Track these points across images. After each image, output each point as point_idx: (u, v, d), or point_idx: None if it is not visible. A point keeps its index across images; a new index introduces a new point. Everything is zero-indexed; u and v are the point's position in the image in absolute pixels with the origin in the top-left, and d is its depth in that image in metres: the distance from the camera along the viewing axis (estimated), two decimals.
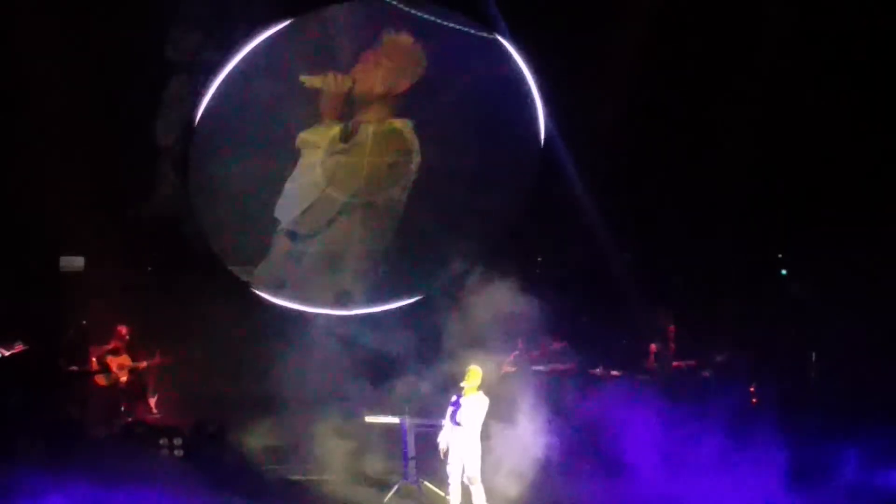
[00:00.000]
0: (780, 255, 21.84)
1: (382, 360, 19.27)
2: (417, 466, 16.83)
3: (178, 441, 17.96)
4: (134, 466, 16.83)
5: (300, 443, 18.54)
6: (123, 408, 19.48)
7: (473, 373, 15.27)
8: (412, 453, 16.78)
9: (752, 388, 20.18)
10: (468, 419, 15.09)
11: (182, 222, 19.57)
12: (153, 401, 19.74)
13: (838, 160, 20.16)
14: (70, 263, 19.85)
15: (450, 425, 15.27)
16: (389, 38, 19.69)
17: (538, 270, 21.76)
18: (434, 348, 18.28)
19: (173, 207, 19.49)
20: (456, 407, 15.23)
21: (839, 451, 17.69)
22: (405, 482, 16.79)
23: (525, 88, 20.26)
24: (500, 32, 19.86)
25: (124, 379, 19.56)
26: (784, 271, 21.80)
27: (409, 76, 20.03)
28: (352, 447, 18.20)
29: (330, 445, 18.17)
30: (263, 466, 18.41)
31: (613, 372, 20.44)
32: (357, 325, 20.21)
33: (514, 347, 19.76)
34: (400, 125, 20.40)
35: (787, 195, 20.77)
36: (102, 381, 19.48)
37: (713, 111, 20.20)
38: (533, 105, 20.43)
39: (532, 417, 16.67)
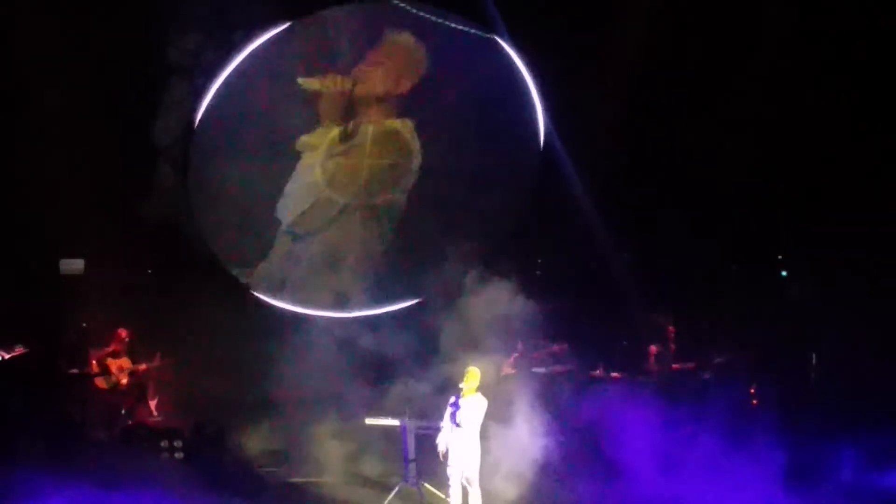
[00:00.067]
0: (780, 257, 21.81)
1: (382, 362, 19.26)
2: (417, 468, 16.84)
3: (179, 443, 17.96)
4: (134, 468, 16.89)
5: (300, 445, 18.55)
6: (124, 410, 19.49)
7: (472, 374, 15.27)
8: (412, 455, 16.76)
9: (753, 390, 20.20)
10: (467, 420, 15.09)
11: (182, 224, 19.58)
12: (153, 403, 19.73)
13: (838, 160, 20.13)
14: (70, 266, 19.84)
15: (449, 427, 15.27)
16: (391, 38, 19.71)
17: (538, 272, 21.75)
18: (433, 350, 18.25)
19: (173, 209, 19.48)
20: (455, 408, 15.23)
21: (840, 452, 17.71)
22: (405, 484, 16.76)
23: (525, 88, 20.26)
24: (500, 33, 19.86)
25: (125, 381, 19.57)
26: (784, 272, 21.77)
27: (411, 76, 20.03)
28: (351, 449, 18.25)
29: (329, 447, 18.21)
30: (263, 468, 18.46)
31: (613, 373, 20.45)
32: (356, 327, 20.18)
33: (514, 349, 19.71)
34: (400, 125, 20.40)
35: (787, 195, 20.74)
36: (103, 384, 19.46)
37: (713, 111, 20.12)
38: (533, 105, 20.45)
39: (533, 419, 16.67)
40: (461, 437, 15.14)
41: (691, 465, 17.08)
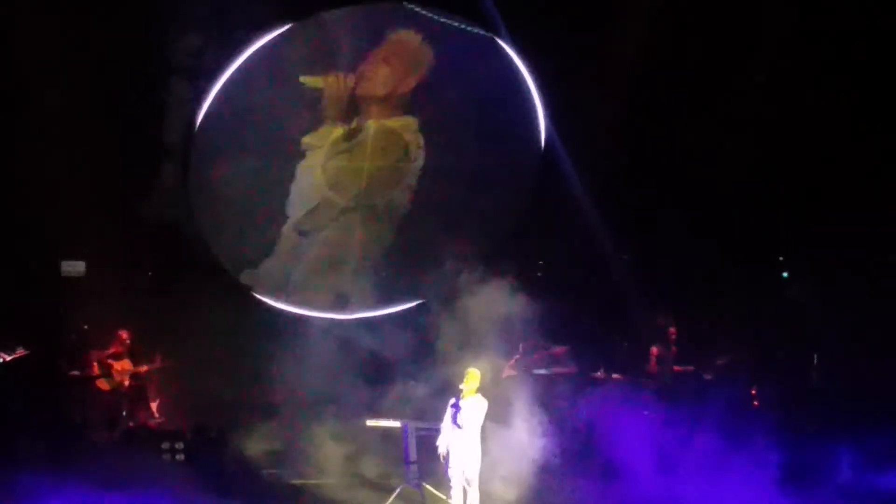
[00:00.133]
0: (781, 258, 21.81)
1: (382, 364, 19.27)
2: (418, 470, 16.84)
3: (180, 445, 17.96)
4: (135, 470, 16.89)
5: (300, 446, 18.52)
6: (125, 412, 19.48)
7: (472, 375, 15.24)
8: (413, 457, 16.75)
9: (754, 391, 20.22)
10: (468, 422, 15.06)
11: (182, 225, 19.54)
12: (155, 405, 19.73)
13: (838, 160, 20.15)
14: (71, 268, 19.81)
15: (450, 428, 15.25)
16: (396, 36, 19.63)
17: (538, 273, 21.73)
18: (434, 351, 18.24)
19: (174, 210, 19.44)
20: (455, 410, 15.20)
21: (840, 452, 17.74)
22: (406, 485, 16.77)
23: (525, 88, 20.25)
24: (499, 33, 19.83)
25: (126, 383, 19.56)
26: (785, 274, 21.77)
27: (415, 74, 19.98)
28: (351, 450, 18.24)
29: (330, 449, 18.19)
30: (264, 470, 18.44)
31: (615, 375, 20.43)
32: (357, 329, 20.17)
33: (515, 351, 19.70)
34: (404, 123, 20.34)
35: (788, 195, 20.76)
36: (105, 386, 19.46)
37: (713, 111, 20.13)
38: (533, 105, 20.43)
39: (534, 421, 16.67)
40: (462, 439, 15.12)
41: (693, 466, 17.09)
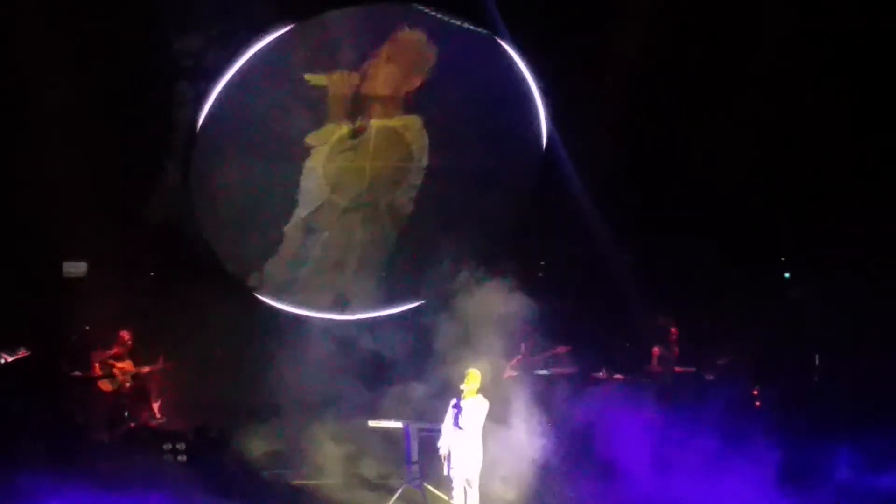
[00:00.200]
0: (783, 258, 21.82)
1: (383, 364, 19.27)
2: (420, 470, 16.84)
3: (181, 446, 18.00)
4: (137, 471, 16.93)
5: (302, 447, 18.54)
6: (126, 412, 19.45)
7: (473, 376, 15.28)
8: (415, 457, 16.77)
9: (755, 391, 20.23)
10: (469, 423, 15.10)
11: (184, 226, 19.52)
12: (156, 405, 19.71)
13: (838, 160, 20.16)
14: (73, 269, 19.79)
15: (451, 429, 15.27)
16: (402, 35, 19.60)
17: (539, 273, 21.72)
18: (434, 351, 18.24)
19: (175, 210, 19.43)
20: (456, 410, 15.24)
21: (841, 453, 17.76)
22: (408, 486, 16.78)
23: (526, 89, 20.25)
24: (499, 33, 19.83)
25: (127, 384, 19.55)
26: (787, 274, 21.78)
27: (420, 73, 19.95)
28: (352, 451, 18.25)
29: (331, 449, 18.21)
30: (265, 471, 18.48)
31: (616, 375, 20.45)
32: (357, 329, 20.15)
33: (516, 351, 19.70)
34: (407, 123, 20.31)
35: (788, 195, 20.76)
36: (107, 387, 19.44)
37: (713, 111, 20.13)
38: (534, 105, 20.42)
39: (535, 422, 16.67)
40: (463, 440, 15.15)
41: (695, 466, 17.09)
